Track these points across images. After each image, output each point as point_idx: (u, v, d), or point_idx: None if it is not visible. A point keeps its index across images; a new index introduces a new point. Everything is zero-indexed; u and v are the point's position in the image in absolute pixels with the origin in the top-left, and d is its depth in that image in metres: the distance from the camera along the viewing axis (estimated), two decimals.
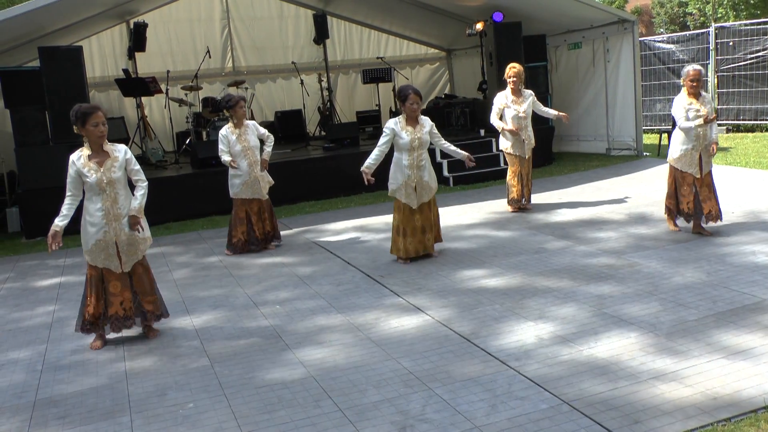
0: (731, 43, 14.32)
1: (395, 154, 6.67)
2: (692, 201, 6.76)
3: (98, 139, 4.91)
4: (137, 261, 5.19)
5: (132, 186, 5.14)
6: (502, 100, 8.42)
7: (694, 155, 6.68)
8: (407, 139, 6.52)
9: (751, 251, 6.12)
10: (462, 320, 5.08)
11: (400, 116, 6.64)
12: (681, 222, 7.11)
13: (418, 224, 6.73)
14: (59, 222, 4.89)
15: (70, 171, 4.90)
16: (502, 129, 8.39)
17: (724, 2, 23.07)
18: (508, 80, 8.37)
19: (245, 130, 7.53)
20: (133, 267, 5.18)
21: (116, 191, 4.98)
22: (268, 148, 7.71)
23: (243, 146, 7.45)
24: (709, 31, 14.78)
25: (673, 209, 6.98)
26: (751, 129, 14.44)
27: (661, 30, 31.03)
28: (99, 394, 4.34)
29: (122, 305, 5.15)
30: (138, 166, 5.13)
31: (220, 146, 7.47)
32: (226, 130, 7.49)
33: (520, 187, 8.60)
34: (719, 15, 23.64)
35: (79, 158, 4.93)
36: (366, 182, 6.51)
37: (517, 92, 8.41)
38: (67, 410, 4.15)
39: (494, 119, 8.45)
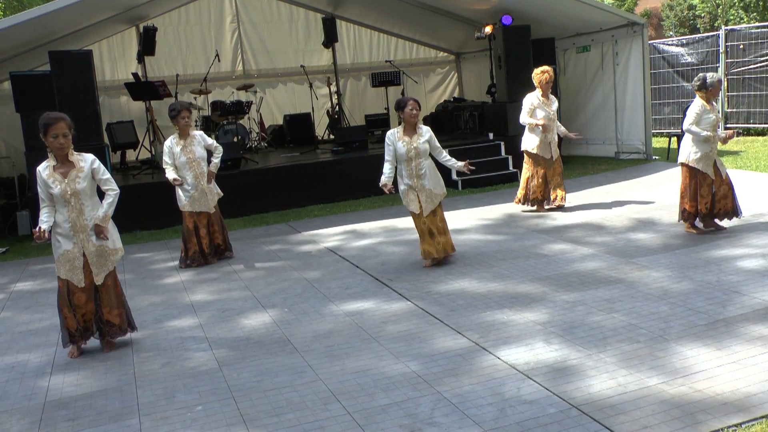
0: (741, 46, 14.25)
1: (397, 165, 6.67)
2: (710, 201, 6.85)
3: (58, 151, 4.78)
4: (108, 273, 5.08)
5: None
6: (534, 100, 8.52)
7: (711, 157, 6.79)
8: (403, 149, 6.51)
9: (761, 255, 6.08)
10: (471, 324, 5.07)
11: (399, 126, 6.65)
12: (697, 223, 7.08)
13: (425, 228, 6.70)
14: (44, 225, 4.77)
15: (39, 182, 4.81)
16: (534, 125, 8.45)
17: (735, 3, 22.93)
18: (545, 84, 8.44)
19: (191, 141, 7.26)
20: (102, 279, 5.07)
21: (81, 202, 4.86)
22: (216, 160, 7.43)
23: (188, 158, 7.22)
24: (719, 34, 14.71)
25: (692, 211, 6.92)
26: (761, 132, 14.37)
27: (671, 33, 30.91)
28: (108, 397, 4.36)
29: (83, 317, 5.07)
30: (107, 175, 4.98)
31: (165, 159, 7.25)
32: (171, 142, 7.27)
33: (545, 188, 8.69)
34: (730, 17, 23.51)
35: (45, 169, 4.82)
36: (388, 192, 6.54)
37: (546, 95, 8.51)
38: (76, 412, 4.17)
39: (525, 117, 8.53)
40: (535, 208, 8.82)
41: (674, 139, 12.56)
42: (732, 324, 4.63)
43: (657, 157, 12.25)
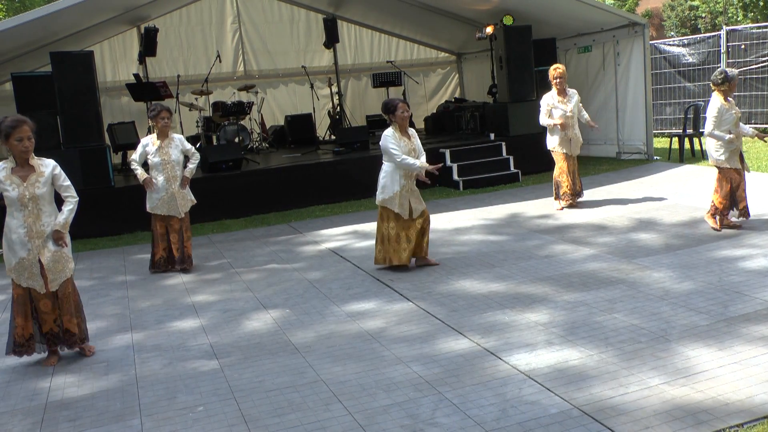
0: (743, 46, 14.24)
1: (389, 164, 6.51)
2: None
3: (22, 155, 4.67)
4: (65, 280, 4.96)
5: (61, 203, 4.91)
6: (550, 100, 8.59)
7: (737, 152, 6.83)
8: (406, 149, 6.44)
9: (763, 255, 6.07)
10: (472, 324, 5.08)
11: (392, 128, 6.51)
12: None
13: (417, 228, 6.59)
14: None
15: None
16: (552, 125, 8.53)
17: (735, 2, 22.91)
18: (554, 81, 8.53)
19: (168, 143, 7.12)
20: (60, 286, 4.95)
21: (39, 207, 4.76)
22: (191, 165, 7.27)
23: (162, 159, 7.08)
24: (720, 34, 14.70)
25: (721, 208, 6.93)
26: (763, 132, 14.35)
27: (672, 33, 30.89)
28: (109, 397, 4.36)
29: (56, 322, 4.96)
30: (68, 182, 4.89)
31: (134, 157, 7.17)
32: (147, 140, 7.19)
33: (571, 183, 8.76)
34: (730, 15, 23.49)
35: (2, 170, 4.70)
36: (437, 170, 6.43)
37: (562, 92, 8.57)
38: (77, 413, 4.17)
39: (543, 118, 8.62)
40: (565, 204, 8.91)
41: (675, 140, 12.56)
42: (734, 324, 4.63)
43: (658, 158, 12.24)
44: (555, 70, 8.53)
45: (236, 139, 12.30)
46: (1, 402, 4.42)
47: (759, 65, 14.01)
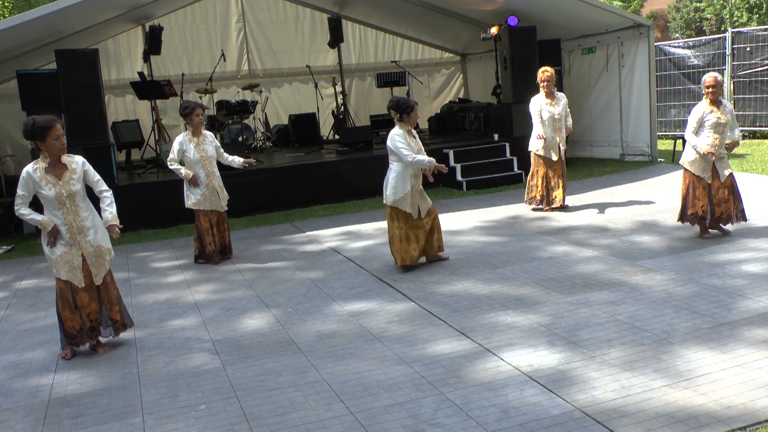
0: (748, 49, 14.21)
1: (398, 164, 6.47)
2: (706, 204, 6.78)
3: (59, 152, 4.78)
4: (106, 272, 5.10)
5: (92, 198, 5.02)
6: (537, 103, 8.56)
7: (708, 160, 6.66)
8: (415, 148, 6.48)
9: (766, 259, 6.06)
10: (474, 325, 5.07)
11: (400, 127, 6.48)
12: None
13: (426, 228, 6.66)
14: (40, 218, 4.79)
15: (27, 183, 4.76)
16: (540, 134, 8.52)
17: (740, 5, 22.87)
18: (542, 84, 8.52)
19: (203, 139, 7.31)
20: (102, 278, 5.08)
21: (76, 204, 4.86)
22: (231, 156, 7.60)
23: (201, 156, 7.23)
24: (725, 36, 14.67)
25: (691, 213, 6.86)
26: (767, 135, 14.32)
27: (677, 35, 30.84)
28: (112, 395, 4.37)
29: (89, 317, 5.04)
30: (98, 177, 5.01)
31: (171, 155, 7.21)
32: (183, 138, 7.25)
33: (543, 189, 8.73)
34: (735, 18, 23.45)
35: (35, 171, 4.77)
36: (445, 169, 6.50)
37: (550, 95, 8.54)
38: (80, 410, 4.18)
39: (536, 121, 8.62)
40: (533, 207, 8.92)
41: (680, 142, 12.53)
42: (736, 327, 4.62)
43: (662, 160, 12.23)
44: (543, 73, 8.52)
45: (240, 138, 12.31)
46: (3, 399, 4.43)
47: (764, 68, 13.97)
